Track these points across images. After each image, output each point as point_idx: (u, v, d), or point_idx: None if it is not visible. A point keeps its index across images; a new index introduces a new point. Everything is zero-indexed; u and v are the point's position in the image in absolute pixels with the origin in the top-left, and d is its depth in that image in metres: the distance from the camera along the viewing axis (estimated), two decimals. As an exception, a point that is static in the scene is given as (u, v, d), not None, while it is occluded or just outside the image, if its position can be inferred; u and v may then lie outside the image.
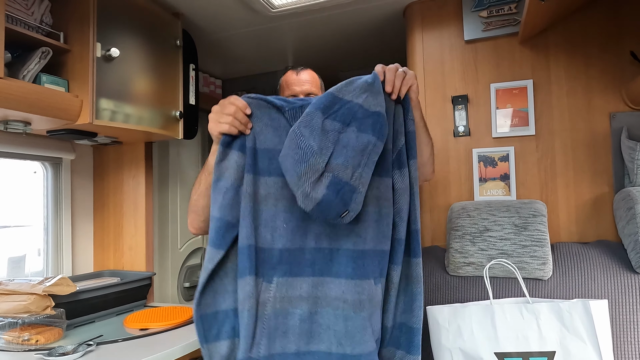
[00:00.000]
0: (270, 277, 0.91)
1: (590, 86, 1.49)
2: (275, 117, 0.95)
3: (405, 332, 0.97)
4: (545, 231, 1.34)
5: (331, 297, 0.91)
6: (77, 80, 1.37)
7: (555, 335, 1.17)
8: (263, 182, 0.93)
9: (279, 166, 0.91)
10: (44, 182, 1.73)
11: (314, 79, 1.35)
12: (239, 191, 0.91)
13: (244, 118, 0.92)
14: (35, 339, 1.22)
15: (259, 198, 0.92)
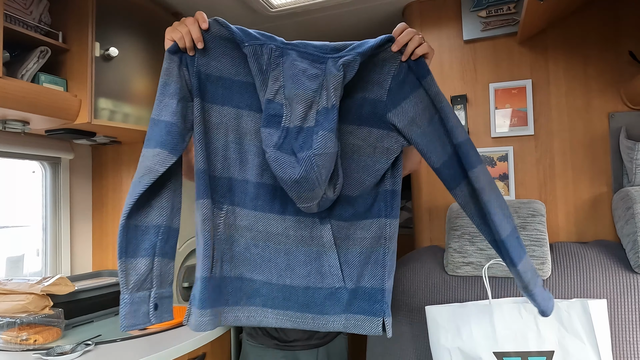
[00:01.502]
0: (221, 205, 0.93)
1: (589, 86, 1.49)
2: (231, 48, 0.91)
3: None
4: (544, 231, 1.34)
5: (272, 233, 0.94)
6: (75, 80, 1.37)
7: (554, 334, 1.17)
8: (216, 110, 0.92)
9: (234, 97, 0.91)
10: (43, 182, 1.73)
11: None
12: (187, 103, 0.89)
13: (197, 33, 0.88)
14: (33, 338, 1.22)
15: (210, 125, 0.91)
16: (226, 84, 0.91)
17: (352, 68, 0.85)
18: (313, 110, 0.86)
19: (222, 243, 0.93)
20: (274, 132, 0.87)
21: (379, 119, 0.91)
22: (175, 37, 0.89)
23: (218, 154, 0.92)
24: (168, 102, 0.87)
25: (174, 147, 0.87)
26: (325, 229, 0.95)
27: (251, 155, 0.93)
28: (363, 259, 0.96)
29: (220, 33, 0.91)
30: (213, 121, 0.92)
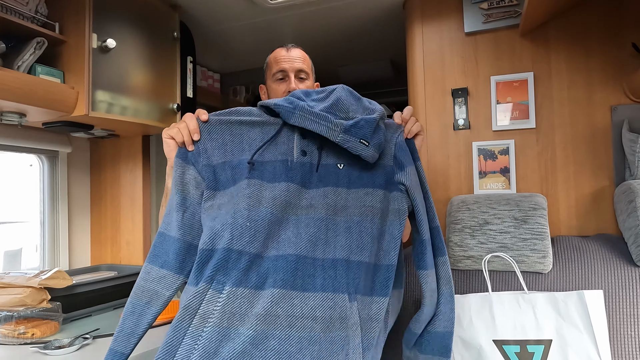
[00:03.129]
0: (222, 285, 0.79)
1: (591, 79, 1.48)
2: (238, 133, 0.92)
3: (435, 337, 0.96)
4: (545, 224, 1.33)
5: (294, 316, 0.78)
6: (72, 72, 1.36)
7: (552, 324, 1.18)
8: (226, 193, 0.88)
9: (243, 173, 0.88)
10: (40, 176, 1.72)
11: (306, 58, 1.32)
12: (198, 210, 0.87)
13: (194, 125, 0.89)
14: (31, 332, 1.21)
15: (223, 204, 0.88)
16: (233, 164, 0.90)
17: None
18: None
19: (204, 340, 0.76)
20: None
21: (389, 181, 0.95)
22: (172, 134, 0.90)
23: (226, 222, 0.84)
24: (174, 215, 0.87)
25: (181, 268, 0.85)
26: (353, 308, 0.83)
27: (264, 224, 0.84)
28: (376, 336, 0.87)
29: (220, 118, 0.92)
30: (226, 200, 0.88)
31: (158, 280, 0.83)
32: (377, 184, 0.93)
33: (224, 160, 0.90)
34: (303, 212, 0.87)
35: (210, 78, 2.50)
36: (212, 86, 2.50)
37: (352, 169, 0.93)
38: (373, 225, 0.90)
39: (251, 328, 0.76)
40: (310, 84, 1.35)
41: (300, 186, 0.89)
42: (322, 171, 0.91)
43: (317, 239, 0.85)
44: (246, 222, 0.83)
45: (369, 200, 0.91)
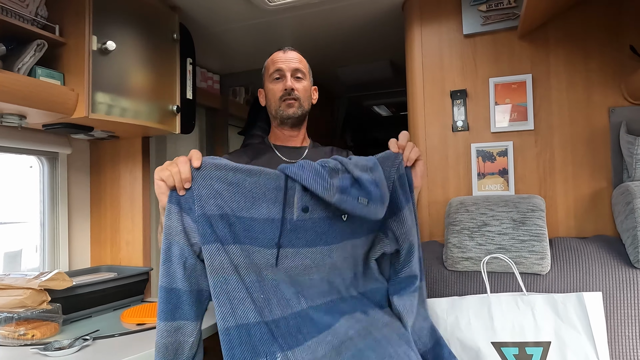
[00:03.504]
0: (273, 355, 0.82)
1: (589, 81, 1.48)
2: (234, 181, 0.87)
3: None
4: (543, 226, 1.34)
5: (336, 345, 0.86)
6: (72, 74, 1.36)
7: (551, 326, 1.19)
8: (229, 250, 0.85)
9: (240, 234, 0.86)
10: (40, 177, 1.72)
11: (302, 60, 1.35)
12: (196, 259, 0.85)
13: (187, 173, 0.85)
14: (31, 333, 1.22)
15: (230, 268, 0.84)
16: (230, 221, 0.86)
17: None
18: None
19: None
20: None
21: (381, 224, 0.97)
22: (163, 176, 0.85)
23: (247, 300, 0.83)
24: (175, 268, 0.83)
25: (197, 315, 0.85)
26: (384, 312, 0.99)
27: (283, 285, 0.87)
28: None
29: (215, 163, 0.88)
30: (232, 262, 0.84)
31: (177, 331, 0.83)
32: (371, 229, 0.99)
33: (220, 213, 0.85)
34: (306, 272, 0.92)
35: (209, 79, 2.50)
36: (211, 87, 2.51)
37: (355, 217, 0.94)
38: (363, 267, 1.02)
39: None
40: (307, 84, 1.35)
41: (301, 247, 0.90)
42: (326, 226, 0.91)
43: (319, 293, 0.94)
44: (260, 295, 0.85)
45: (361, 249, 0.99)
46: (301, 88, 1.32)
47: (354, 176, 0.90)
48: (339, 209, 0.91)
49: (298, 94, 1.30)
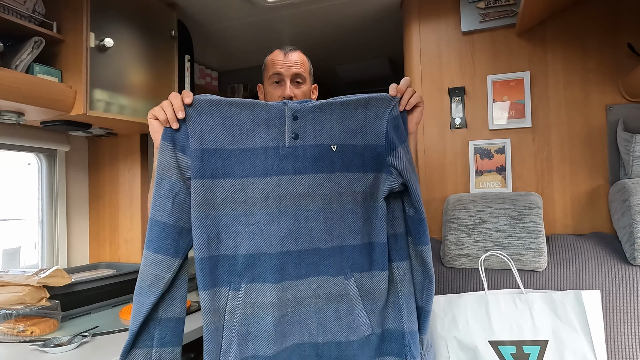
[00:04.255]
0: (238, 285, 0.88)
1: (587, 78, 1.49)
2: (228, 115, 0.89)
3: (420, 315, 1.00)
4: (540, 223, 1.34)
5: (302, 297, 0.91)
6: (70, 71, 1.36)
7: (548, 324, 1.19)
8: (218, 185, 0.88)
9: (234, 167, 0.88)
10: (39, 174, 1.72)
11: (304, 62, 1.30)
12: (187, 195, 0.87)
13: (179, 103, 0.86)
14: (30, 330, 1.22)
15: (215, 202, 0.87)
16: (224, 155, 0.88)
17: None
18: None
19: (237, 327, 0.88)
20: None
21: (380, 163, 0.96)
22: (155, 113, 0.87)
23: (229, 230, 0.88)
24: (163, 202, 0.85)
25: (176, 250, 0.86)
26: (350, 284, 0.94)
27: (265, 225, 0.89)
28: (384, 303, 0.97)
29: (208, 98, 0.89)
30: (217, 197, 0.87)
31: (155, 264, 0.85)
32: (368, 167, 0.96)
33: (215, 147, 0.88)
34: (302, 203, 0.91)
35: (208, 76, 2.50)
36: (210, 84, 2.51)
37: (345, 149, 0.94)
38: (364, 209, 0.96)
39: (269, 313, 0.88)
40: (307, 88, 1.31)
41: (294, 174, 0.91)
42: (316, 153, 0.92)
43: (318, 232, 0.92)
44: (244, 228, 0.88)
45: (360, 186, 0.95)
46: (300, 94, 1.28)
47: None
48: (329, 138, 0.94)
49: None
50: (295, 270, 0.90)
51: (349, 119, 0.95)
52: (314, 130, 0.93)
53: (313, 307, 0.92)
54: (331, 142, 0.94)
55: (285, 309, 0.90)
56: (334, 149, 0.94)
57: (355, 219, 0.95)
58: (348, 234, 0.94)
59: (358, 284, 0.95)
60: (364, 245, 0.96)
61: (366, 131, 0.95)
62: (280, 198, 0.90)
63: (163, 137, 0.87)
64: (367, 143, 0.95)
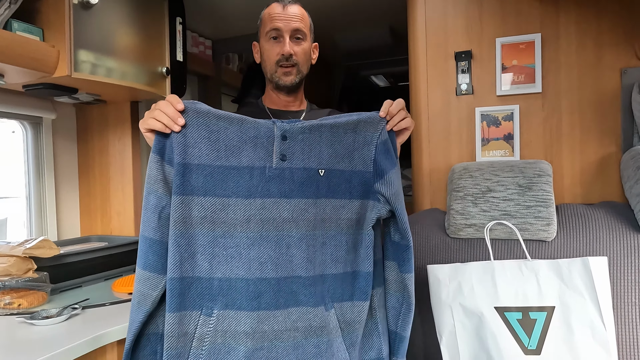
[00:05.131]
0: (210, 310, 0.84)
1: (600, 41, 1.41)
2: (215, 129, 0.84)
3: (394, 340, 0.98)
4: (550, 191, 1.29)
5: (279, 330, 0.85)
6: (52, 30, 1.27)
7: (555, 291, 1.16)
8: (197, 203, 0.83)
9: (215, 185, 0.83)
10: (24, 144, 1.64)
11: (304, 16, 1.21)
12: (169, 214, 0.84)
13: (173, 111, 0.82)
14: (17, 302, 1.17)
15: (193, 221, 0.83)
16: (207, 171, 0.83)
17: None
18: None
19: (205, 356, 0.83)
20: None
21: (367, 190, 0.93)
22: (148, 126, 0.83)
23: (205, 251, 0.84)
24: (150, 217, 0.83)
25: (163, 267, 0.83)
26: (330, 315, 0.90)
27: (245, 248, 0.84)
28: (361, 333, 0.94)
29: (196, 108, 0.84)
30: (195, 215, 0.83)
31: (144, 281, 0.84)
32: (354, 194, 0.92)
33: (198, 162, 0.83)
34: (284, 228, 0.86)
35: (201, 44, 2.40)
36: (203, 53, 2.41)
37: (332, 175, 0.91)
38: (348, 237, 0.92)
39: (241, 343, 0.83)
40: (307, 46, 1.23)
41: (279, 197, 0.86)
42: (303, 177, 0.88)
43: (299, 259, 0.87)
44: (222, 251, 0.84)
45: (345, 213, 0.92)
46: (300, 51, 1.19)
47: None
48: (317, 161, 0.90)
49: (297, 59, 1.18)
50: (274, 299, 0.85)
51: (338, 143, 0.91)
52: (302, 152, 0.89)
53: (291, 342, 0.86)
54: (319, 166, 0.90)
55: (260, 342, 0.84)
56: (321, 174, 0.90)
57: (338, 246, 0.91)
58: (329, 262, 0.90)
59: (338, 314, 0.91)
60: (346, 275, 0.92)
61: (354, 157, 0.93)
62: (262, 222, 0.85)
63: (153, 150, 0.83)
64: (355, 169, 0.93)
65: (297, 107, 1.30)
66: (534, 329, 1.16)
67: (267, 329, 0.84)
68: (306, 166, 0.89)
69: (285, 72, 1.17)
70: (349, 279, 0.92)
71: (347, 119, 0.92)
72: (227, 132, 0.85)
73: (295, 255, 0.86)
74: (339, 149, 0.91)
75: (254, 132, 0.86)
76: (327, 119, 0.92)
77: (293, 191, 0.87)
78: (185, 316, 0.83)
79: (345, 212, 0.91)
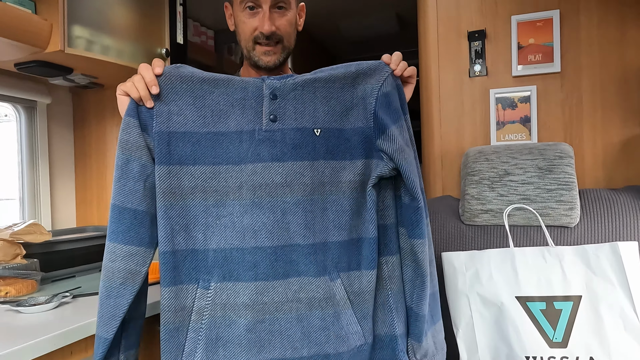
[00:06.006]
0: (207, 283, 0.79)
1: (624, 15, 1.33)
2: (200, 94, 0.79)
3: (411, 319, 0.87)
4: (573, 174, 1.21)
5: (281, 302, 0.80)
6: (45, 3, 1.20)
7: (581, 278, 1.07)
8: (187, 172, 0.78)
9: (205, 153, 0.78)
10: (17, 129, 1.57)
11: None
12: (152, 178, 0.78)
13: (151, 76, 0.77)
14: (4, 290, 1.09)
15: (183, 192, 0.78)
16: (194, 139, 0.79)
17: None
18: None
19: (206, 330, 0.78)
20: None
21: (368, 147, 0.85)
22: (126, 89, 0.78)
23: (197, 222, 0.79)
24: (133, 186, 0.77)
25: (151, 240, 0.78)
26: (336, 285, 0.83)
27: (238, 217, 0.79)
28: (373, 306, 0.86)
29: (179, 73, 0.79)
30: (185, 186, 0.78)
31: (128, 258, 0.77)
32: (355, 154, 0.84)
33: (184, 130, 0.78)
34: (278, 193, 0.80)
35: (203, 34, 2.34)
36: (205, 43, 2.34)
37: (330, 134, 0.83)
38: (352, 201, 0.84)
39: (242, 316, 0.78)
40: (292, 14, 0.97)
41: (270, 161, 0.80)
42: (297, 138, 0.81)
43: (296, 226, 0.80)
44: (216, 220, 0.79)
45: (347, 175, 0.84)
46: (285, 24, 0.95)
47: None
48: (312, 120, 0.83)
49: (280, 34, 0.95)
50: (271, 269, 0.79)
51: (334, 99, 0.83)
52: (295, 111, 0.82)
53: (294, 313, 0.80)
54: (314, 125, 0.83)
55: (262, 315, 0.79)
56: (317, 134, 0.83)
57: (341, 212, 0.83)
58: (332, 228, 0.83)
59: (346, 285, 0.84)
60: (352, 242, 0.84)
61: (353, 112, 0.85)
62: (254, 188, 0.79)
63: (128, 113, 0.77)
64: (355, 126, 0.85)
65: None
66: (559, 320, 1.07)
67: (267, 300, 0.79)
68: (300, 126, 0.82)
69: (266, 51, 0.96)
70: (355, 246, 0.84)
71: (345, 70, 0.84)
72: (213, 96, 0.80)
73: (292, 222, 0.80)
74: (336, 105, 0.83)
75: (241, 93, 0.81)
76: (322, 72, 0.84)
77: (285, 154, 0.80)
78: (182, 290, 0.78)
79: (346, 174, 0.83)
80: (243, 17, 0.96)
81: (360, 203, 0.84)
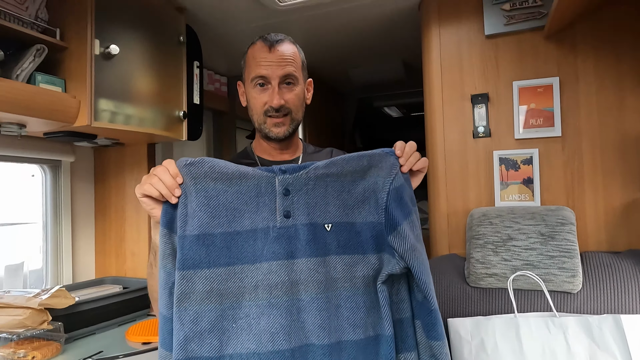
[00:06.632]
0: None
1: (621, 83, 1.39)
2: (214, 194, 0.78)
3: None
4: (574, 241, 1.25)
5: None
6: (74, 80, 1.29)
7: (585, 350, 1.10)
8: (201, 276, 0.76)
9: (219, 254, 0.77)
10: (43, 186, 1.66)
11: (295, 56, 1.04)
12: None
13: (170, 180, 0.76)
14: (32, 355, 1.16)
15: (198, 297, 0.76)
16: (208, 241, 0.77)
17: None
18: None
19: None
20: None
21: (380, 242, 0.84)
22: (145, 191, 0.77)
23: (214, 328, 0.77)
24: (162, 293, 0.78)
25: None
26: None
27: (254, 319, 0.77)
28: None
29: (192, 174, 0.78)
30: (199, 290, 0.76)
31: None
32: (367, 248, 0.83)
33: (198, 232, 0.77)
34: (294, 291, 0.79)
35: (217, 82, 2.43)
36: (219, 90, 2.44)
37: (341, 228, 0.83)
38: (366, 297, 0.82)
39: None
40: (300, 89, 1.05)
41: (286, 259, 0.80)
42: (309, 234, 0.81)
43: (311, 325, 0.78)
44: (232, 324, 0.77)
45: (360, 271, 0.83)
46: (292, 98, 1.02)
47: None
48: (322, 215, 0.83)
49: (289, 107, 1.02)
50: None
51: (346, 192, 0.83)
52: (307, 206, 0.82)
53: None
54: (325, 220, 0.83)
55: None
56: (327, 229, 0.83)
57: (355, 308, 0.81)
58: (347, 327, 0.80)
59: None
60: (368, 340, 0.81)
61: (365, 205, 0.84)
62: (270, 287, 0.78)
63: (163, 224, 0.77)
64: (366, 220, 0.84)
65: (292, 155, 1.14)
66: (563, 391, 1.10)
67: None
68: (311, 221, 0.82)
69: (276, 122, 1.02)
70: (371, 345, 0.82)
71: (356, 164, 0.84)
72: (227, 195, 0.79)
73: (307, 321, 0.78)
74: (348, 199, 0.83)
75: (254, 189, 0.81)
76: (335, 165, 0.84)
77: (300, 251, 0.80)
78: None
79: (359, 269, 0.82)
80: (254, 93, 1.03)
81: (375, 299, 0.83)
